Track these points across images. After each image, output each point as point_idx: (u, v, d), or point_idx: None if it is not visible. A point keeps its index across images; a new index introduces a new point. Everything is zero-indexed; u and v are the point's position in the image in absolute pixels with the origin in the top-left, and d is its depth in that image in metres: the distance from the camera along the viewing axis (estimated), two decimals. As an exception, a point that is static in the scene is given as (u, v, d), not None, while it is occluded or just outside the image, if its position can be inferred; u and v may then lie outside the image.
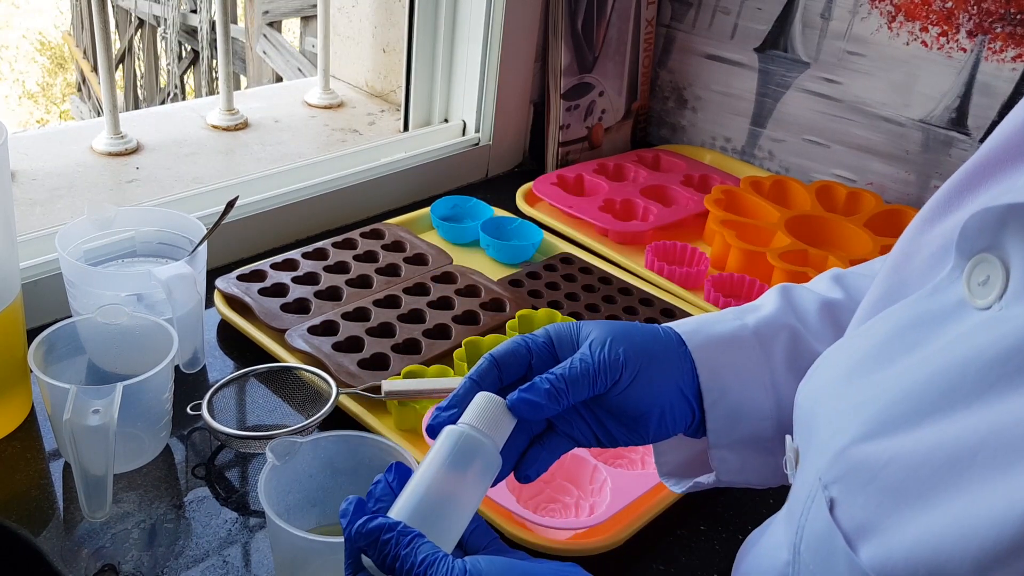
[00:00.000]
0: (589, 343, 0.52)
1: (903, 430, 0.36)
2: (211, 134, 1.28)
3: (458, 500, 0.46)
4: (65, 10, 9.14)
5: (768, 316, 0.57)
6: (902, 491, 0.34)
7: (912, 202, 1.21)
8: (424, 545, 0.43)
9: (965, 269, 0.37)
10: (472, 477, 0.47)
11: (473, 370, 0.52)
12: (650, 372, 0.52)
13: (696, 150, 1.40)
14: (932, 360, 0.37)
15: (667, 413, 0.53)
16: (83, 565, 0.65)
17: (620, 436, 0.53)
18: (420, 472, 0.47)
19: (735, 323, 0.56)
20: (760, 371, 0.54)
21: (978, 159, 0.42)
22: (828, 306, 0.57)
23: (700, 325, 0.56)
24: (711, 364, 0.54)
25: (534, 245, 1.10)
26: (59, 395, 0.65)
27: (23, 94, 10.20)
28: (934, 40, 1.14)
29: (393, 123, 1.39)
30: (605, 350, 0.51)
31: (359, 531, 0.43)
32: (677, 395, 0.53)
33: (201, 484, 0.74)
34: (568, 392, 0.50)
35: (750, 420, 0.54)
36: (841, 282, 0.60)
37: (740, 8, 1.32)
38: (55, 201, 1.06)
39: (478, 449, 0.47)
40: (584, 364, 0.50)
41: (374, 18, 1.46)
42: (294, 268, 0.98)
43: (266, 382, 0.82)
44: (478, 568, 0.42)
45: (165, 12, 6.31)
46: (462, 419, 0.49)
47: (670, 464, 0.62)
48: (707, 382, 0.54)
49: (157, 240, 0.88)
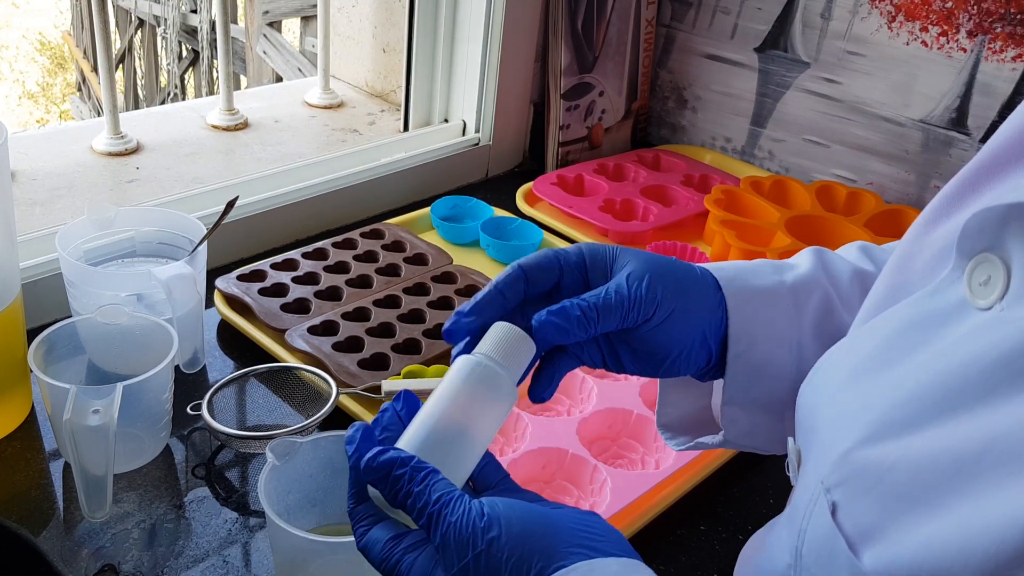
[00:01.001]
0: (627, 275, 0.49)
1: (906, 434, 0.35)
2: (211, 134, 1.28)
3: (471, 434, 0.44)
4: (65, 10, 9.14)
5: (804, 276, 0.55)
6: (906, 496, 0.34)
7: (912, 202, 1.21)
8: (439, 482, 0.41)
9: (966, 269, 0.37)
10: (487, 410, 0.44)
11: (499, 277, 0.49)
12: (681, 314, 0.50)
13: (696, 150, 1.40)
14: (934, 362, 0.36)
15: (684, 354, 0.51)
16: (83, 565, 0.65)
17: (630, 366, 0.52)
18: (432, 402, 0.44)
19: (773, 278, 0.54)
20: (790, 330, 0.53)
21: (980, 160, 0.42)
22: (859, 275, 0.56)
23: (738, 273, 0.54)
24: (744, 314, 0.52)
25: (534, 245, 1.10)
26: (59, 395, 0.65)
27: (23, 94, 10.19)
28: (934, 40, 1.14)
29: (393, 123, 1.39)
30: (643, 286, 0.49)
31: (369, 464, 0.42)
32: (700, 339, 0.51)
33: (201, 484, 0.74)
34: (598, 322, 0.48)
35: (769, 379, 0.53)
36: (869, 254, 0.59)
37: (740, 8, 1.32)
38: (55, 201, 1.06)
39: (495, 381, 0.45)
40: (619, 296, 0.48)
41: (374, 18, 1.46)
42: (294, 268, 0.98)
43: (266, 382, 0.82)
44: (496, 511, 0.40)
45: (165, 12, 6.31)
46: (478, 348, 0.46)
47: (671, 416, 0.60)
48: (736, 332, 0.52)
49: (157, 240, 0.88)
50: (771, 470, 0.82)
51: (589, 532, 0.42)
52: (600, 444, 0.80)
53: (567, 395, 0.84)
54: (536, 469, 0.75)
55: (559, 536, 0.41)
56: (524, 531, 0.40)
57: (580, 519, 0.42)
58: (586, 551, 0.41)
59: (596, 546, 0.41)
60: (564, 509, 0.43)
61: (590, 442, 0.78)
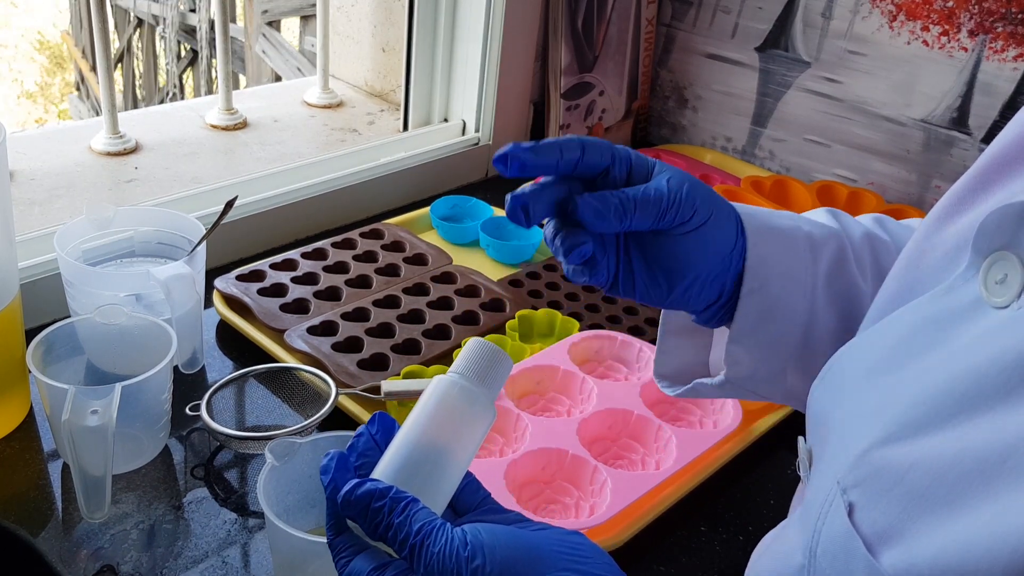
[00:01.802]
0: (667, 178, 0.50)
1: (925, 433, 0.35)
2: (210, 134, 1.28)
3: (450, 457, 0.43)
4: (64, 9, 9.14)
5: (821, 226, 0.55)
6: (927, 497, 0.33)
7: (913, 202, 1.21)
8: (420, 511, 0.40)
9: (981, 267, 0.37)
10: (465, 431, 0.44)
11: (562, 142, 0.49)
12: (710, 229, 0.51)
13: (697, 150, 1.40)
14: (951, 361, 0.36)
15: (699, 281, 0.52)
16: (82, 566, 0.65)
17: (641, 284, 0.52)
18: (408, 426, 0.43)
19: (791, 222, 0.54)
20: (805, 274, 0.53)
21: (990, 157, 0.41)
22: (871, 237, 0.57)
23: (758, 211, 0.54)
24: (762, 250, 0.52)
25: (534, 245, 1.09)
26: (58, 395, 0.65)
27: (21, 93, 10.19)
28: (935, 39, 1.14)
29: (393, 123, 1.39)
30: (683, 190, 0.49)
31: (347, 498, 0.41)
32: (718, 266, 0.52)
33: (200, 485, 0.73)
34: (635, 213, 0.48)
35: (780, 319, 0.53)
36: (882, 223, 0.59)
37: (741, 7, 1.31)
38: (54, 201, 1.06)
39: (472, 400, 0.44)
40: (659, 193, 0.49)
41: (374, 17, 1.46)
42: (293, 268, 0.98)
43: (265, 382, 0.81)
44: (479, 539, 0.40)
45: (164, 11, 6.31)
46: (453, 367, 0.45)
47: (668, 367, 0.60)
48: (753, 267, 0.52)
49: (156, 240, 0.88)
50: (771, 471, 0.82)
51: (575, 555, 0.41)
52: (600, 444, 0.80)
53: (567, 395, 0.84)
54: (536, 470, 0.75)
55: (545, 561, 0.40)
56: (509, 558, 0.40)
57: (565, 541, 0.42)
58: (573, 574, 0.40)
59: (583, 569, 0.41)
60: (548, 531, 0.43)
61: (590, 442, 0.77)
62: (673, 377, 0.60)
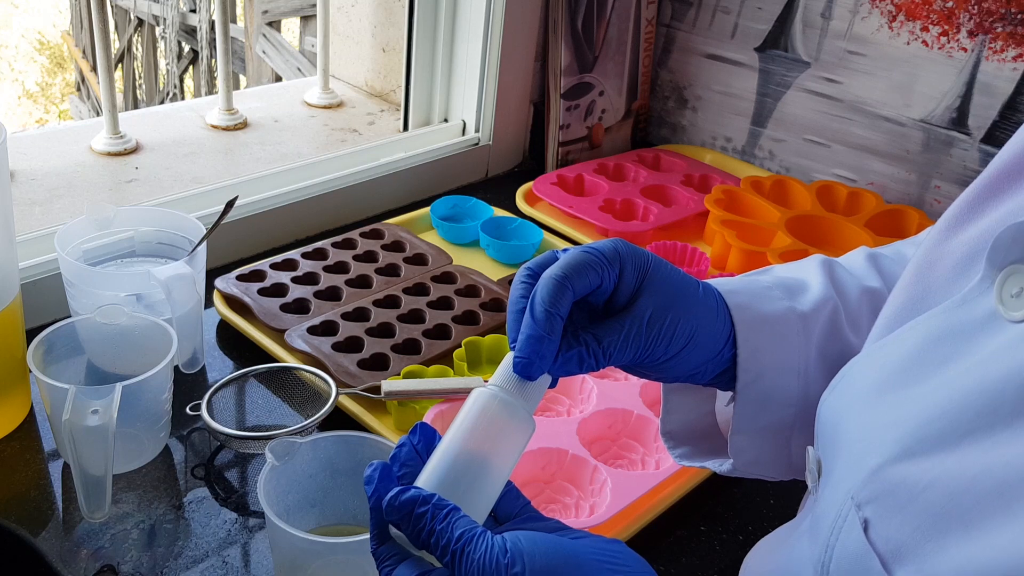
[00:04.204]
0: (649, 314, 0.48)
1: (941, 450, 0.34)
2: (210, 134, 1.28)
3: (491, 467, 0.44)
4: (64, 10, 9.14)
5: (815, 299, 0.54)
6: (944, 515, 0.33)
7: (913, 202, 1.21)
8: (461, 519, 0.41)
9: (996, 280, 0.36)
10: (505, 442, 0.45)
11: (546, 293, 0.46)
12: (691, 348, 0.50)
13: (696, 150, 1.40)
14: (967, 376, 0.35)
15: (691, 376, 0.51)
16: (82, 565, 0.65)
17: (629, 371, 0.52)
18: (449, 437, 0.44)
19: (784, 304, 0.53)
20: (797, 358, 0.52)
21: (999, 165, 0.41)
22: (868, 293, 0.56)
23: (751, 300, 0.52)
24: (753, 344, 0.51)
25: (534, 245, 1.09)
26: (58, 395, 0.65)
27: (22, 94, 10.19)
28: (935, 40, 1.14)
29: (393, 123, 1.39)
30: (664, 327, 0.48)
31: (391, 504, 0.41)
32: (708, 363, 0.51)
33: (200, 484, 0.74)
34: (611, 361, 0.48)
35: (776, 406, 0.52)
36: (877, 265, 0.58)
37: (740, 7, 1.31)
38: (54, 201, 1.06)
39: (512, 413, 0.45)
40: (637, 340, 0.47)
41: (374, 17, 1.46)
42: (294, 268, 0.98)
43: (265, 382, 0.82)
44: (519, 546, 0.40)
45: (164, 12, 6.31)
46: (493, 380, 0.46)
47: (674, 423, 0.59)
48: (745, 362, 0.51)
49: (156, 240, 0.88)
50: (772, 470, 0.82)
51: (614, 563, 0.41)
52: (600, 444, 0.80)
53: (567, 395, 0.84)
54: (536, 469, 0.75)
55: (584, 568, 0.40)
56: (548, 565, 0.40)
57: (604, 550, 0.42)
58: None
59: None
60: (588, 539, 0.43)
61: (590, 442, 0.78)
62: (680, 434, 0.60)
